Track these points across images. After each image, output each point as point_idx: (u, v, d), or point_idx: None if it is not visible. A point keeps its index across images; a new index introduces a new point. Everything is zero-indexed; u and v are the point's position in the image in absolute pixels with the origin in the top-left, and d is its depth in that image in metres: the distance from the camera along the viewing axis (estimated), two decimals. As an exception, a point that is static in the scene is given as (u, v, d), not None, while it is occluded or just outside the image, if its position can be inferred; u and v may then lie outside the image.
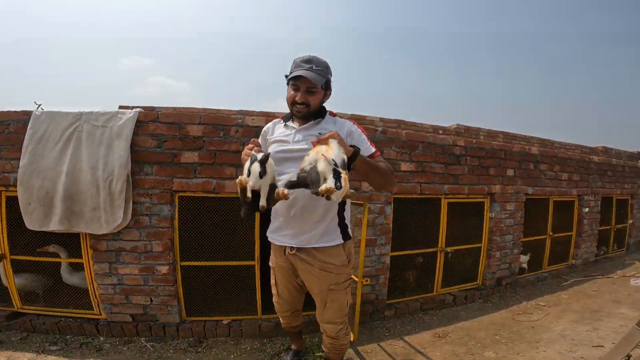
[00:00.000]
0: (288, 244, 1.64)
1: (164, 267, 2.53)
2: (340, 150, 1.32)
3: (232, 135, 2.57)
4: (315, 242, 1.59)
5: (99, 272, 2.51)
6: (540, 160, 4.13)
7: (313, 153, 1.32)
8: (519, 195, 3.91)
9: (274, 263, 1.78)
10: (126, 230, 2.47)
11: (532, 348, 2.59)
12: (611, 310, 3.32)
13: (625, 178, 5.55)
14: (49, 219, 2.39)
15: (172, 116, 2.53)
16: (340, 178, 1.18)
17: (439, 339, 2.76)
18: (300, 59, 1.55)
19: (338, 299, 1.67)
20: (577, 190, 4.63)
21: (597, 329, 2.89)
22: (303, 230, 1.59)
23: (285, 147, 1.61)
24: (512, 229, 3.88)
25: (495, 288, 3.77)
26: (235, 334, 2.63)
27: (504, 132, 8.07)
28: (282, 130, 1.68)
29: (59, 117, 2.43)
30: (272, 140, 1.68)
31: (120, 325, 2.55)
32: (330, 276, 1.62)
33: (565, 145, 9.31)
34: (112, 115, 2.45)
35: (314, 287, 1.67)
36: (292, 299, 1.84)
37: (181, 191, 2.54)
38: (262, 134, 1.77)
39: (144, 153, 2.48)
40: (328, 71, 1.57)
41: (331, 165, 1.21)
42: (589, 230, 4.87)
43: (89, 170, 2.37)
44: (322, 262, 1.60)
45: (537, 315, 3.24)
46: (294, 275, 1.73)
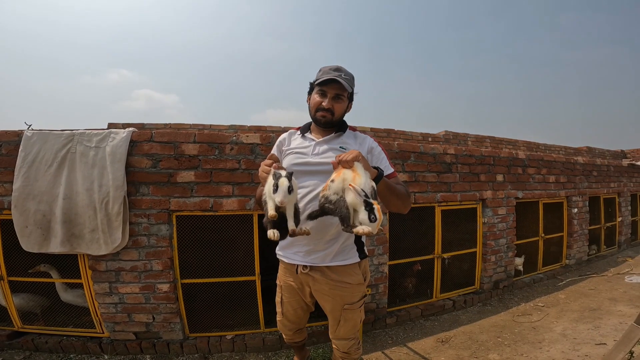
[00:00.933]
0: (300, 263, 1.54)
1: (165, 285, 2.53)
2: (367, 176, 1.21)
3: (227, 153, 2.59)
4: (329, 261, 1.51)
5: (99, 292, 2.51)
6: (527, 164, 4.23)
7: (338, 180, 1.21)
8: (510, 199, 3.99)
9: (282, 281, 1.68)
10: (125, 251, 2.47)
11: (535, 348, 2.62)
12: (609, 308, 3.38)
13: (610, 177, 5.70)
14: (48, 241, 2.37)
15: (167, 135, 2.54)
16: (373, 210, 1.09)
17: (442, 344, 2.77)
18: (329, 67, 1.51)
19: (352, 318, 1.58)
20: (565, 192, 4.74)
21: (597, 327, 2.93)
22: (317, 248, 1.50)
23: (303, 159, 1.52)
24: (505, 233, 3.94)
25: (493, 291, 3.80)
26: (239, 349, 2.63)
27: (491, 137, 8.25)
28: (300, 142, 1.59)
29: (51, 138, 2.41)
30: (289, 151, 1.58)
31: (124, 343, 2.54)
32: (345, 296, 1.54)
33: (550, 147, 9.53)
34: (105, 135, 2.45)
35: (327, 306, 1.59)
36: (297, 318, 1.74)
37: (178, 210, 2.54)
38: (277, 144, 1.66)
39: (139, 173, 2.48)
40: (353, 83, 1.54)
41: (361, 197, 1.11)
42: (580, 230, 4.96)
43: (85, 193, 2.36)
44: (337, 281, 1.52)
45: (537, 316, 3.27)
46: (304, 295, 1.63)
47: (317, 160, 1.49)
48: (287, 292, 1.67)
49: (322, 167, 1.43)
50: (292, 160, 1.54)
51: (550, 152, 9.50)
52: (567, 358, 2.43)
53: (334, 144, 1.53)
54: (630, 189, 6.29)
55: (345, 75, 1.48)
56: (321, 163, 1.47)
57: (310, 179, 1.47)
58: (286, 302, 1.70)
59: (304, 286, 1.60)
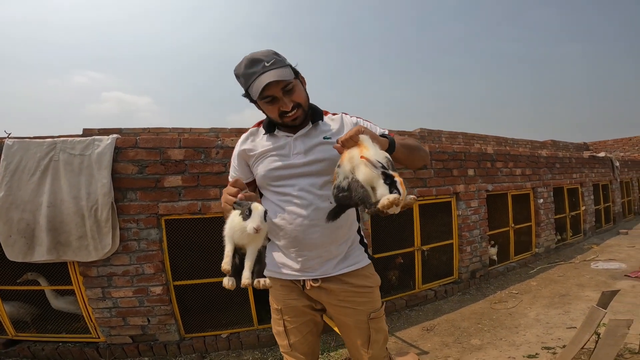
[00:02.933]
0: (309, 277, 1.26)
1: (158, 287, 2.56)
2: (377, 147, 1.01)
3: (213, 157, 2.66)
4: (345, 267, 1.27)
5: (92, 297, 2.51)
6: (495, 158, 4.50)
7: (344, 162, 1.01)
8: (481, 192, 4.23)
9: (282, 304, 1.32)
10: (115, 256, 2.49)
11: (512, 333, 2.79)
12: (577, 293, 3.61)
13: (572, 168, 6.10)
14: (33, 250, 2.36)
15: (152, 141, 2.59)
16: (395, 183, 0.91)
17: (428, 332, 2.92)
18: (244, 65, 1.15)
19: (382, 328, 1.32)
20: (531, 184, 5.04)
21: (567, 312, 3.13)
22: (329, 256, 1.25)
23: (285, 161, 1.23)
24: (478, 224, 4.17)
25: (470, 281, 4.00)
26: (235, 346, 2.68)
27: (463, 133, 8.63)
28: (271, 142, 1.28)
29: (33, 147, 2.40)
30: (261, 156, 1.28)
31: (122, 347, 2.54)
32: (369, 302, 1.29)
33: (517, 142, 10.04)
34: (88, 142, 2.47)
35: (350, 320, 1.30)
36: (309, 348, 1.35)
37: (167, 214, 2.58)
38: (240, 154, 1.33)
39: (125, 179, 2.51)
40: (281, 58, 1.19)
41: (378, 169, 0.92)
42: (546, 220, 5.28)
43: (71, 201, 2.37)
44: (358, 286, 1.28)
45: (512, 302, 3.47)
46: (312, 310, 1.34)
47: (303, 161, 1.23)
48: (291, 315, 1.32)
49: (310, 168, 1.21)
50: (270, 164, 1.25)
51: (518, 146, 10.01)
52: (542, 341, 2.60)
53: (315, 136, 1.26)
54: (592, 179, 6.74)
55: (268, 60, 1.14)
56: (308, 163, 1.22)
57: (297, 184, 1.23)
58: (292, 329, 1.32)
59: (311, 302, 1.32)
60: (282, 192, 1.23)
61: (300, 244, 1.22)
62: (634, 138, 13.60)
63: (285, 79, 1.12)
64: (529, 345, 2.54)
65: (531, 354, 2.41)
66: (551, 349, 2.45)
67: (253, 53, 1.16)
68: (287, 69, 1.15)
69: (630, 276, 3.96)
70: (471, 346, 2.62)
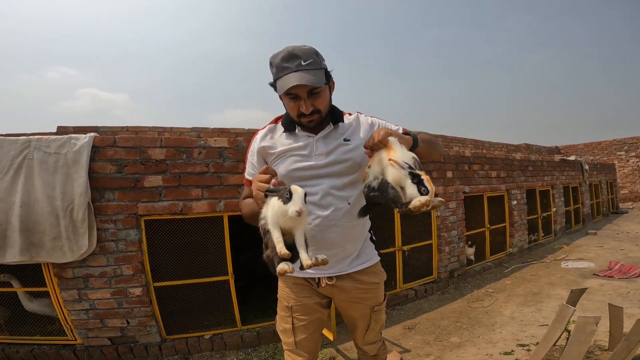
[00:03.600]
0: (324, 275, 1.30)
1: (137, 289, 2.51)
2: (403, 148, 1.06)
3: (195, 157, 2.62)
4: (357, 265, 1.33)
5: (68, 299, 2.44)
6: (472, 161, 4.62)
7: (374, 164, 1.07)
8: (459, 194, 4.33)
9: (293, 302, 1.34)
10: (92, 257, 2.42)
11: (489, 331, 2.87)
12: (549, 292, 3.74)
13: (544, 171, 6.33)
14: (4, 251, 2.26)
15: (131, 140, 2.53)
16: (422, 181, 0.94)
17: (409, 331, 2.97)
18: (280, 57, 1.14)
19: (380, 319, 1.43)
20: (505, 186, 5.20)
21: (540, 310, 3.25)
22: (345, 254, 1.30)
23: (306, 162, 1.24)
24: (456, 225, 4.27)
25: (449, 280, 4.10)
26: (219, 347, 2.65)
27: (443, 136, 8.82)
28: (291, 140, 1.28)
29: (7, 144, 2.31)
30: (282, 155, 1.27)
31: (100, 349, 2.49)
32: (374, 297, 1.38)
33: (494, 145, 10.35)
34: (64, 141, 2.39)
35: (356, 313, 1.39)
36: (314, 346, 1.39)
37: (147, 215, 2.52)
38: (259, 151, 1.31)
39: (103, 179, 2.45)
40: (320, 59, 1.18)
41: (405, 169, 0.97)
42: (520, 220, 5.46)
43: (45, 200, 2.29)
44: (368, 283, 1.35)
45: (488, 301, 3.57)
46: (321, 307, 1.38)
47: (325, 162, 1.23)
48: (301, 312, 1.34)
49: (331, 169, 1.23)
50: (292, 164, 1.25)
51: (494, 149, 10.32)
52: (517, 339, 2.68)
53: (336, 137, 1.27)
54: (563, 181, 7.01)
55: (306, 59, 1.14)
56: (330, 164, 1.23)
57: (318, 185, 1.24)
58: (300, 327, 1.34)
59: (323, 300, 1.37)
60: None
61: (318, 243, 1.23)
62: (603, 142, 14.25)
63: (314, 84, 1.12)
64: (505, 343, 2.62)
65: (507, 351, 2.49)
66: (525, 346, 2.54)
67: (295, 47, 1.15)
68: (320, 74, 1.15)
69: (598, 275, 4.14)
70: (451, 344, 2.68)
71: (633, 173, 13.28)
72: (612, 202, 10.72)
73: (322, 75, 1.16)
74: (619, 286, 3.66)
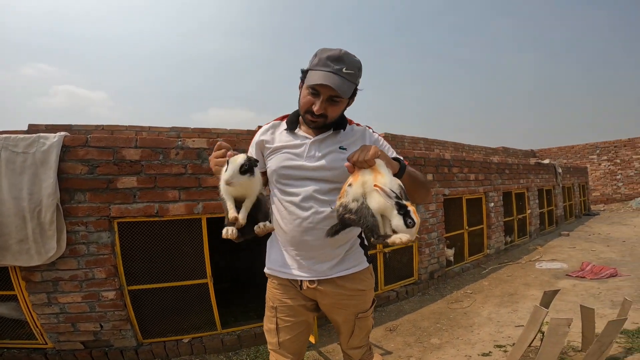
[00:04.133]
0: (306, 277, 1.28)
1: (110, 292, 2.44)
2: (390, 173, 1.02)
3: (172, 158, 2.55)
4: (341, 270, 1.28)
5: (36, 303, 2.36)
6: (452, 164, 4.68)
7: (356, 184, 1.00)
8: (439, 196, 4.38)
9: (278, 303, 1.34)
10: (62, 260, 2.33)
11: (468, 332, 2.91)
12: (524, 292, 3.82)
13: (520, 174, 6.49)
14: None
15: (104, 140, 2.44)
16: (409, 213, 0.91)
17: (391, 332, 2.98)
18: (328, 54, 1.15)
19: (366, 326, 1.40)
20: (483, 188, 5.30)
21: (516, 310, 3.31)
22: (325, 258, 1.26)
23: (296, 161, 1.25)
24: (435, 227, 4.31)
25: (429, 281, 4.13)
26: (198, 351, 2.61)
27: (424, 138, 8.93)
28: (289, 139, 1.29)
29: (-29, 143, 2.20)
30: (276, 150, 1.29)
31: (73, 353, 2.42)
32: (359, 304, 1.35)
33: (473, 148, 10.55)
34: (33, 140, 2.29)
35: (340, 318, 1.37)
36: (298, 347, 1.38)
37: (120, 217, 2.44)
38: (258, 143, 1.34)
39: (73, 180, 2.35)
40: (359, 75, 1.21)
41: (392, 199, 0.92)
42: (496, 222, 5.57)
43: (11, 201, 2.19)
44: (352, 290, 1.31)
45: (467, 302, 3.62)
46: (307, 313, 1.36)
47: (314, 165, 1.23)
48: (285, 313, 1.34)
49: (319, 174, 1.22)
50: (282, 161, 1.26)
51: (473, 151, 10.52)
52: (494, 339, 2.72)
53: (332, 144, 1.26)
54: (537, 184, 7.20)
55: (349, 69, 1.16)
56: (319, 168, 1.22)
57: (304, 186, 1.24)
58: (284, 328, 1.34)
59: (307, 302, 1.34)
60: (287, 192, 1.25)
61: (297, 244, 1.24)
62: (576, 146, 14.74)
63: (339, 93, 1.13)
64: (483, 344, 2.65)
65: (485, 352, 2.51)
66: (502, 347, 2.57)
67: (346, 53, 1.17)
68: (351, 87, 1.18)
69: (571, 276, 4.25)
70: (431, 345, 2.70)
71: (604, 176, 13.78)
72: (584, 205, 11.10)
73: (351, 89, 1.19)
74: (591, 287, 3.77)
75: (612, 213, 10.86)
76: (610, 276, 4.06)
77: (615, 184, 13.52)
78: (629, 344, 2.36)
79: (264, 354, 2.60)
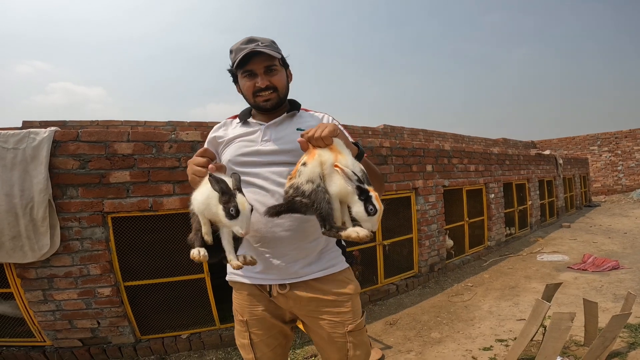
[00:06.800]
0: (275, 282, 1.13)
1: (106, 289, 2.41)
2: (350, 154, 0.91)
3: (166, 152, 2.50)
4: (317, 270, 1.14)
5: (32, 300, 2.34)
6: (452, 155, 4.62)
7: (312, 163, 0.89)
8: (438, 187, 4.33)
9: (247, 314, 1.18)
10: (56, 257, 2.30)
11: (468, 326, 2.87)
12: (525, 285, 3.79)
13: (520, 165, 6.43)
14: None
15: (95, 134, 2.38)
16: (370, 198, 0.81)
17: (391, 326, 2.94)
18: (239, 42, 1.16)
19: (363, 342, 1.16)
20: (484, 179, 5.25)
21: (517, 304, 3.27)
22: (297, 255, 1.12)
23: (251, 147, 1.17)
24: (435, 219, 4.27)
25: (429, 274, 4.10)
26: (197, 347, 2.60)
27: (424, 130, 8.87)
28: (243, 129, 1.22)
29: (-39, 140, 2.15)
30: (230, 142, 1.22)
31: (71, 351, 2.40)
32: (345, 312, 1.13)
33: (473, 139, 10.49)
34: (23, 135, 2.24)
35: (324, 332, 1.14)
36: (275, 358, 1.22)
37: (114, 212, 2.40)
38: (210, 140, 1.27)
39: (65, 175, 2.31)
40: (277, 47, 1.19)
41: (353, 182, 0.82)
42: (497, 214, 5.53)
43: (3, 198, 2.15)
44: (332, 293, 1.13)
45: (467, 295, 3.58)
46: (282, 322, 1.20)
47: (270, 149, 1.15)
48: (257, 327, 1.18)
49: (276, 157, 1.13)
50: (237, 150, 1.17)
51: (473, 143, 10.46)
52: (495, 334, 2.69)
53: (289, 126, 1.20)
54: (538, 175, 7.14)
55: (263, 42, 1.15)
56: (277, 151, 1.14)
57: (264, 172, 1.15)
58: (259, 342, 1.18)
59: (283, 312, 1.19)
60: (246, 181, 1.12)
61: (263, 238, 1.10)
62: (576, 137, 14.65)
63: (271, 58, 1.13)
64: (484, 338, 2.62)
65: (486, 346, 2.48)
66: (504, 341, 2.54)
67: (253, 36, 1.16)
68: (277, 54, 1.15)
69: (572, 268, 4.22)
70: (431, 339, 2.67)
71: (605, 167, 13.72)
72: (585, 196, 11.05)
73: (279, 55, 1.17)
74: (593, 279, 3.74)
75: (613, 204, 10.81)
76: (612, 269, 4.03)
77: (616, 175, 13.47)
78: (632, 339, 2.33)
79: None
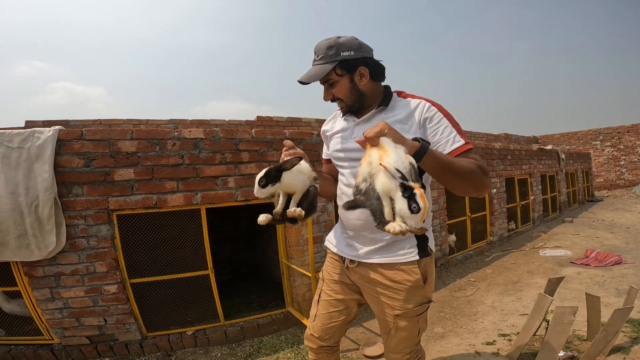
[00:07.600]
0: (348, 256, 1.30)
1: (113, 286, 2.43)
2: (399, 150, 0.89)
3: (169, 149, 2.51)
4: (380, 256, 1.23)
5: (40, 298, 2.35)
6: (454, 150, 4.61)
7: (365, 163, 0.94)
8: (440, 183, 4.32)
9: (326, 274, 1.41)
10: (62, 255, 2.32)
11: (471, 321, 2.89)
12: (528, 280, 3.79)
13: (522, 160, 6.41)
14: None
15: (99, 133, 2.39)
16: (414, 196, 0.80)
17: (393, 321, 2.96)
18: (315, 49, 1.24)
19: (406, 328, 1.24)
20: (486, 175, 5.23)
21: (520, 299, 3.28)
22: (365, 243, 1.26)
23: (343, 144, 1.31)
24: (437, 214, 4.28)
25: (431, 270, 4.11)
26: (202, 343, 2.62)
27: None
28: (342, 125, 1.34)
29: (-34, 139, 2.16)
30: (331, 134, 1.39)
31: (79, 348, 2.42)
32: (397, 300, 1.22)
33: (475, 135, 10.44)
34: (27, 135, 2.25)
35: (376, 310, 1.31)
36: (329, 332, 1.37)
37: (119, 209, 2.41)
38: (322, 134, 1.46)
39: (70, 174, 2.32)
40: (333, 51, 1.18)
41: (396, 179, 0.83)
42: (499, 209, 5.52)
43: (8, 197, 2.15)
44: (390, 280, 1.22)
45: (470, 290, 3.60)
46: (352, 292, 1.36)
47: (353, 147, 1.24)
48: (329, 287, 1.38)
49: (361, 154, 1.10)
50: (334, 145, 1.36)
51: (475, 138, 10.42)
52: (498, 328, 2.70)
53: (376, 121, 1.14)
54: (540, 170, 7.12)
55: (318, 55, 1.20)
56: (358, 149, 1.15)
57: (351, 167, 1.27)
58: (324, 302, 1.38)
59: (350, 283, 1.35)
60: (340, 173, 1.34)
61: (346, 221, 1.30)
62: (579, 132, 14.58)
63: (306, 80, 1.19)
64: (487, 333, 2.64)
65: (489, 341, 2.50)
66: (507, 335, 2.55)
67: (319, 42, 1.22)
68: (324, 67, 1.19)
69: (575, 263, 4.22)
70: (435, 334, 2.68)
71: (608, 162, 13.66)
72: (588, 191, 11.02)
73: (327, 68, 1.19)
74: (596, 274, 3.74)
75: (616, 199, 10.77)
76: (614, 264, 4.03)
77: (618, 170, 13.42)
78: (635, 334, 2.34)
79: (267, 345, 2.59)
